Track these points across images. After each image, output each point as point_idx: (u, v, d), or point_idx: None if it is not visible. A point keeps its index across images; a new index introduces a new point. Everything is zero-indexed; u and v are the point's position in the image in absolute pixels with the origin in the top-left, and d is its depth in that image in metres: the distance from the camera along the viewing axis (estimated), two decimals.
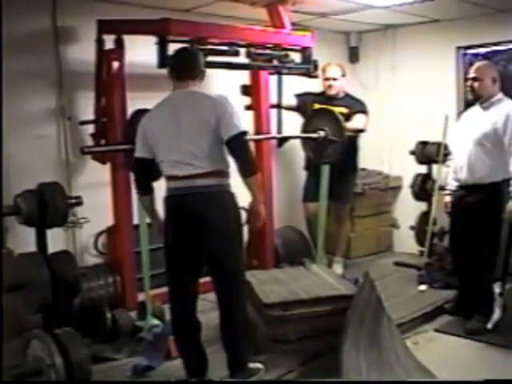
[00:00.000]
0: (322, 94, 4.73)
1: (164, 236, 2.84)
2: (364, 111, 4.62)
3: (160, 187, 2.89)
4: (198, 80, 2.81)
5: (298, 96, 4.74)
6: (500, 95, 3.74)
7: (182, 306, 2.86)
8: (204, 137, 2.65)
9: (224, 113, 2.65)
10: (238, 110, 2.77)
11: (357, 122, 4.52)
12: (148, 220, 3.38)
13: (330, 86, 4.62)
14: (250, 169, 2.70)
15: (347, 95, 4.73)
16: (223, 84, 4.52)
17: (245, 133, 2.70)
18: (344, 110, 4.46)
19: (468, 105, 4.24)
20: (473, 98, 3.82)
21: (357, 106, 4.60)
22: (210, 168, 2.66)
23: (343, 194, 4.73)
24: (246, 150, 2.70)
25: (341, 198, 4.71)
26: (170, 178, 2.72)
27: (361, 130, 4.59)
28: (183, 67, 2.79)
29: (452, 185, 3.99)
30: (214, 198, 2.68)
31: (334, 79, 4.62)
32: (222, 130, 2.64)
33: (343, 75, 4.68)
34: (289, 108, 4.62)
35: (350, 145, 4.41)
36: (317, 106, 4.57)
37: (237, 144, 2.65)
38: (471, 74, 3.77)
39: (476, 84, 3.73)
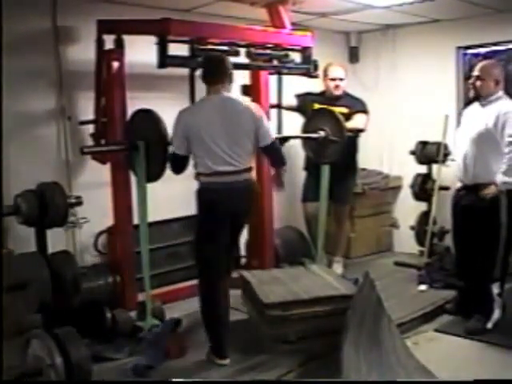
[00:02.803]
0: (323, 93, 4.73)
1: (203, 215, 3.19)
2: (364, 111, 4.62)
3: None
4: (228, 83, 3.20)
5: (299, 96, 4.74)
6: (499, 93, 3.73)
7: (217, 264, 3.21)
8: (247, 141, 3.17)
9: (261, 124, 3.20)
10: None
11: (357, 121, 4.52)
12: (148, 220, 3.41)
13: (337, 87, 4.62)
14: (282, 163, 3.56)
15: (347, 94, 4.73)
16: None
17: (276, 139, 3.35)
18: (344, 110, 4.46)
19: (468, 102, 4.24)
20: (474, 95, 3.83)
21: (357, 106, 4.60)
22: (248, 165, 3.22)
23: (343, 195, 4.73)
24: (280, 153, 3.39)
25: (341, 199, 4.71)
26: (221, 173, 3.11)
27: (361, 130, 4.59)
28: (214, 73, 3.17)
29: (456, 184, 4.00)
30: (250, 188, 3.27)
31: (341, 79, 4.63)
32: (260, 138, 3.21)
33: (346, 75, 4.69)
34: (289, 108, 4.62)
35: (349, 145, 4.41)
36: (317, 106, 4.57)
37: (273, 150, 3.32)
38: (475, 73, 3.76)
39: (478, 83, 3.73)
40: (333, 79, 4.61)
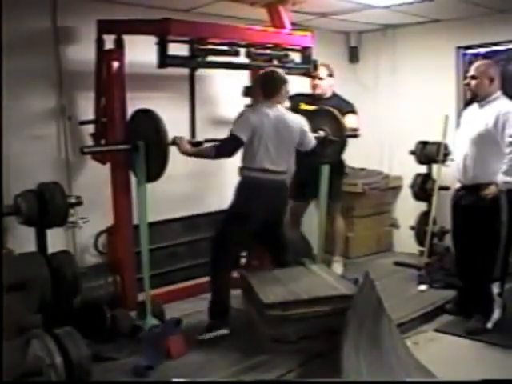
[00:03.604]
0: (312, 94, 4.71)
1: (243, 206, 3.62)
2: (353, 111, 4.60)
3: None
4: (282, 97, 3.70)
5: (290, 97, 4.70)
6: (497, 94, 3.74)
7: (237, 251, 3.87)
8: (291, 148, 3.73)
9: (306, 134, 3.78)
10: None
11: (350, 122, 4.49)
12: (148, 220, 3.41)
13: (315, 86, 4.62)
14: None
15: (335, 95, 4.70)
16: (223, 84, 4.54)
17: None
18: None
19: (467, 103, 4.25)
20: (471, 95, 3.84)
21: (346, 107, 4.55)
22: (286, 168, 3.72)
23: (333, 192, 4.67)
24: (322, 150, 4.02)
25: (331, 197, 4.67)
26: (266, 170, 3.59)
27: (356, 130, 4.57)
28: (274, 90, 3.64)
29: (455, 184, 3.99)
30: (286, 187, 3.77)
31: (320, 79, 4.60)
32: (305, 144, 3.80)
33: (330, 75, 4.65)
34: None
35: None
36: (304, 106, 4.55)
37: (317, 150, 3.90)
38: (470, 72, 3.79)
39: (473, 82, 3.75)
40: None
